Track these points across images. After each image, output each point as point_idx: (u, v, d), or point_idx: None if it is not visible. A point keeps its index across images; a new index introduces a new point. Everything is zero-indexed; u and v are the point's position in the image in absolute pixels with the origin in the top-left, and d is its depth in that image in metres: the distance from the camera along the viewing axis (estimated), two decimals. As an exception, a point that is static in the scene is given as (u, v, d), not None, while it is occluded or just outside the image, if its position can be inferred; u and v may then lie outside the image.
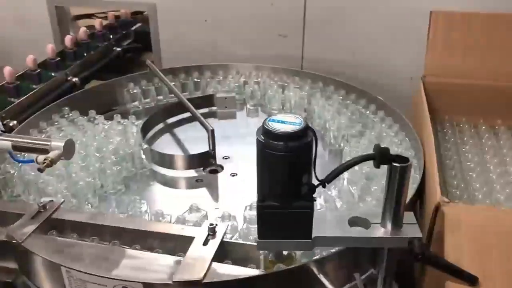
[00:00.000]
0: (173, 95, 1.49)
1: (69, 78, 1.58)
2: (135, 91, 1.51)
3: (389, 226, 0.81)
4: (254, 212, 0.95)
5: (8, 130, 1.39)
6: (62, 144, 0.87)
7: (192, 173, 1.24)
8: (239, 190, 1.15)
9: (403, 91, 1.59)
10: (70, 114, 1.35)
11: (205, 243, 0.83)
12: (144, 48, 2.05)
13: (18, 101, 1.35)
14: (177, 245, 0.87)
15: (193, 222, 0.95)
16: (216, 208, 1.04)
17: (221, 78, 1.60)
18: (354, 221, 0.83)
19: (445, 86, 1.33)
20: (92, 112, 1.35)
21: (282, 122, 0.74)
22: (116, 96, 1.52)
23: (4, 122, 1.41)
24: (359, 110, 1.38)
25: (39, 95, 1.43)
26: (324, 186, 0.78)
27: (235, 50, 1.76)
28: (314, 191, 0.77)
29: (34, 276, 0.88)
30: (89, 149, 1.18)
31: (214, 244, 0.83)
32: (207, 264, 0.78)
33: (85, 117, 1.33)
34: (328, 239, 0.81)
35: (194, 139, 1.33)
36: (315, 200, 0.77)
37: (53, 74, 1.52)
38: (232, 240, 0.87)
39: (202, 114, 1.31)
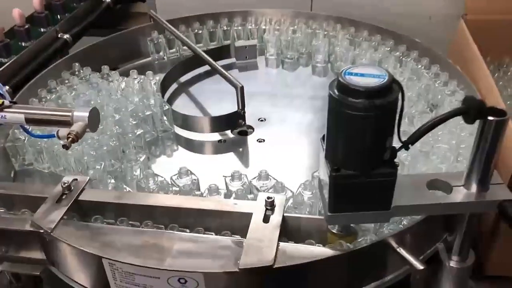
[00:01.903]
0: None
1: (59, 35, 1.40)
2: (146, 43, 1.36)
3: (474, 188, 0.71)
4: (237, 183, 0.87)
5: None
6: (87, 114, 0.73)
7: (218, 136, 1.12)
8: (261, 158, 1.04)
9: (422, 30, 1.45)
10: (81, 71, 1.20)
11: (266, 219, 0.72)
12: (135, -1, 1.86)
13: (7, 64, 1.19)
14: (230, 223, 0.76)
15: (180, 188, 0.86)
16: (223, 176, 0.90)
17: (266, 26, 1.40)
18: (433, 185, 0.73)
19: (486, 24, 1.21)
20: (105, 68, 1.20)
21: (362, 75, 0.62)
22: (124, 51, 1.37)
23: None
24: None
25: (28, 56, 1.26)
26: (407, 149, 0.67)
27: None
28: (395, 155, 0.66)
29: (66, 267, 0.76)
30: (106, 111, 1.04)
31: (276, 220, 0.72)
32: (275, 245, 0.68)
33: (98, 74, 1.18)
34: (407, 208, 0.71)
35: (220, 96, 1.19)
36: (398, 165, 0.66)
37: (42, 30, 1.35)
38: (293, 215, 0.76)
39: (221, 66, 1.17)
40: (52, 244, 0.74)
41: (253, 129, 1.12)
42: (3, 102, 0.74)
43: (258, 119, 1.14)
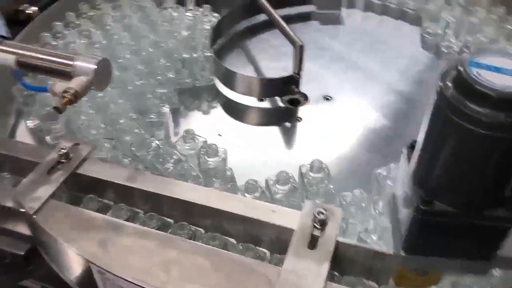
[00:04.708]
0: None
1: None
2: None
3: None
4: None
5: (25, 19, 1.07)
6: (93, 66, 0.54)
7: (265, 101, 0.92)
8: (298, 144, 0.85)
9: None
10: None
11: (312, 243, 0.53)
12: None
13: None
14: (260, 232, 0.57)
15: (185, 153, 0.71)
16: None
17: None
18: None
19: None
20: None
21: (497, 69, 0.40)
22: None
23: (21, 8, 1.08)
24: None
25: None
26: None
27: None
28: (518, 192, 0.45)
29: (53, 256, 0.61)
30: (142, 43, 0.88)
31: (326, 248, 0.53)
32: (321, 286, 0.49)
33: None
34: (517, 261, 0.50)
35: (279, 54, 0.98)
36: (521, 207, 0.45)
37: None
38: (350, 242, 0.56)
39: (296, 15, 0.95)
40: (36, 226, 0.58)
41: (307, 99, 0.91)
42: (-13, 37, 0.56)
43: (323, 97, 0.92)
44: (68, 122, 0.77)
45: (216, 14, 0.97)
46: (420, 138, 0.45)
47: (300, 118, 0.89)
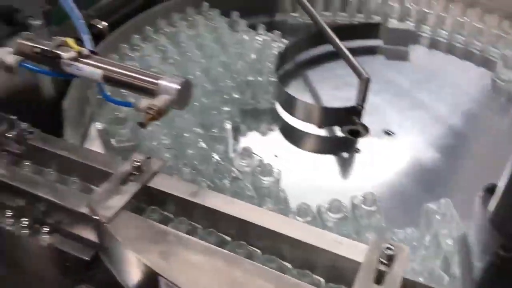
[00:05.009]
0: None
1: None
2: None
3: None
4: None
5: (96, 33, 1.12)
6: (177, 87, 0.57)
7: (325, 130, 0.92)
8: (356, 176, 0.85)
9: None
10: (209, 13, 1.09)
11: (378, 279, 0.53)
12: None
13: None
14: (320, 262, 0.57)
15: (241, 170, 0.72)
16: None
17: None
18: None
19: None
20: (235, 14, 1.07)
21: None
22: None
23: (91, 22, 1.13)
24: None
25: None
26: None
27: None
28: None
29: (117, 264, 0.63)
30: (213, 61, 0.92)
31: (393, 284, 0.52)
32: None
33: (224, 18, 1.06)
34: None
35: (342, 83, 0.99)
36: None
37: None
38: (416, 280, 0.55)
39: (362, 48, 0.96)
40: (106, 234, 0.61)
41: (367, 131, 0.91)
42: (79, 51, 0.59)
43: (385, 131, 0.92)
44: (134, 129, 0.81)
45: (285, 41, 1.00)
46: (503, 183, 0.45)
47: (359, 150, 0.89)
